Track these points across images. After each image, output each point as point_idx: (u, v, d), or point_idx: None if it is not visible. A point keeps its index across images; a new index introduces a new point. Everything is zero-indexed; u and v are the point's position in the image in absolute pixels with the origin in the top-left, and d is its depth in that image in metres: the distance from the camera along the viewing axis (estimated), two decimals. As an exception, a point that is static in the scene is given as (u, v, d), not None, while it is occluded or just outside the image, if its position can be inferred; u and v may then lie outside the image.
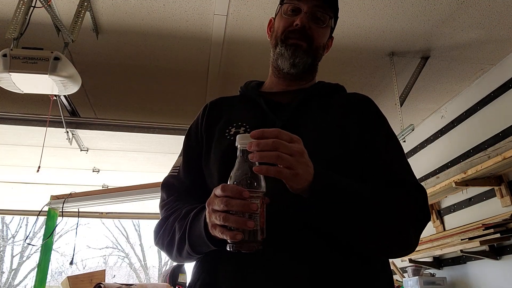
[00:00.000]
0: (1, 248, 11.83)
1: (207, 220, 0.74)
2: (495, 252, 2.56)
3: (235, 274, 0.78)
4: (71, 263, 3.37)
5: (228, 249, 0.70)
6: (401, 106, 2.80)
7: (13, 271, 11.69)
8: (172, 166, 1.03)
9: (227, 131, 0.94)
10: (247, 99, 1.03)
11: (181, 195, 0.95)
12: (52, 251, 3.10)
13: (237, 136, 0.72)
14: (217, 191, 0.71)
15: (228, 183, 0.71)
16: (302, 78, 1.03)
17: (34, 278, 2.80)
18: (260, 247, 0.69)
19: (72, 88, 2.04)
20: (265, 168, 0.69)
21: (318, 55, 1.03)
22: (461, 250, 2.58)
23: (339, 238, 0.78)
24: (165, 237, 0.89)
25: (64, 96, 2.53)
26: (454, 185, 2.66)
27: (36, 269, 2.84)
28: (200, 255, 0.85)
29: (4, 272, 11.61)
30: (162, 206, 0.96)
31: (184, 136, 1.06)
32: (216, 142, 0.95)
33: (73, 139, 2.94)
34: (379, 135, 0.93)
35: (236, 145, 0.73)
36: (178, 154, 1.05)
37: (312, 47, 1.00)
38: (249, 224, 0.67)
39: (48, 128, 2.60)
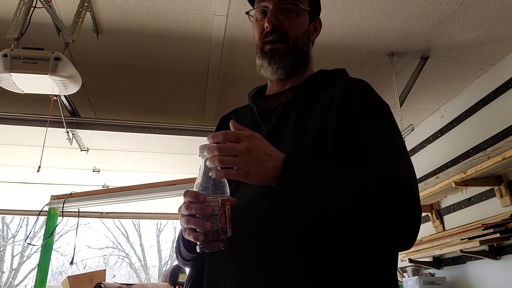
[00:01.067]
0: (2, 248, 11.83)
1: (181, 225, 0.80)
2: (494, 252, 2.56)
3: (213, 279, 0.81)
4: (71, 263, 3.38)
5: (198, 250, 0.75)
6: (400, 106, 2.81)
7: (14, 271, 11.70)
8: None
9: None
10: (250, 107, 1.04)
11: None
12: (53, 251, 3.10)
13: (199, 146, 0.77)
14: (184, 197, 0.76)
15: (194, 189, 0.76)
16: (291, 75, 1.00)
17: (35, 278, 2.80)
18: (226, 247, 0.73)
19: (73, 88, 2.04)
20: (215, 171, 0.73)
21: (300, 47, 0.99)
22: (460, 250, 2.59)
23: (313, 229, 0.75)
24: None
25: (65, 96, 2.53)
26: (453, 185, 2.66)
27: (36, 269, 2.84)
28: (187, 261, 0.91)
29: (4, 272, 11.61)
30: None
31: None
32: None
33: (73, 139, 2.93)
34: (356, 125, 0.83)
35: (199, 155, 0.77)
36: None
37: (290, 44, 0.97)
38: (207, 225, 0.72)
39: (48, 128, 2.60)
